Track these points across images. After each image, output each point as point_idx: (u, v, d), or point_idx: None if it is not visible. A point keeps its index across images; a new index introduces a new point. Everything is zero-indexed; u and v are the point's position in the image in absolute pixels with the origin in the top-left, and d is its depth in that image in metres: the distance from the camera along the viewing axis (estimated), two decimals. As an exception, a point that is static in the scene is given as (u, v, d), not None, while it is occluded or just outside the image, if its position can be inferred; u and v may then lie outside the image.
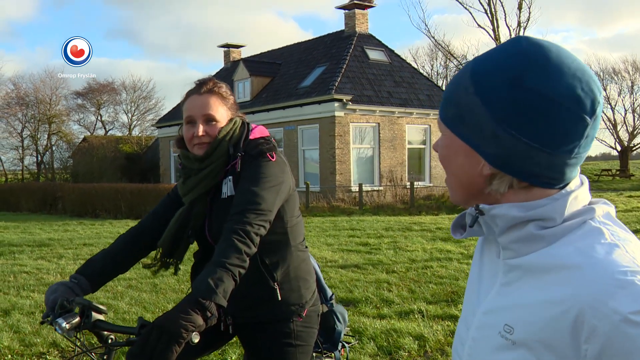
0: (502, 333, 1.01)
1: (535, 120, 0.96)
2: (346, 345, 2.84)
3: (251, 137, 2.35)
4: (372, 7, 27.26)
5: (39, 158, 45.54)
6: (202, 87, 2.32)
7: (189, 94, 2.35)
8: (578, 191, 1.02)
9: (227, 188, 2.30)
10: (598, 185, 33.70)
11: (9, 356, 5.12)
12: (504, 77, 0.97)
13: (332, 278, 8.21)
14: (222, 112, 2.32)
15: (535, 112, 0.96)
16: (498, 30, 29.81)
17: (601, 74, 47.98)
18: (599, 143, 48.44)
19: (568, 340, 0.92)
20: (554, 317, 0.93)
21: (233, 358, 4.83)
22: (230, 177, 2.30)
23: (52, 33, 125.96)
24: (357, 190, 21.84)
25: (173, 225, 2.36)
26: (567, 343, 0.92)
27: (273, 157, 2.28)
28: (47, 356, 5.09)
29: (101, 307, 2.00)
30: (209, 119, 2.29)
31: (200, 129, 2.28)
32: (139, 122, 51.90)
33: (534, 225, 1.00)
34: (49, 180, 39.55)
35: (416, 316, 6.14)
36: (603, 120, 49.82)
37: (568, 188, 1.02)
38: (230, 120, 2.36)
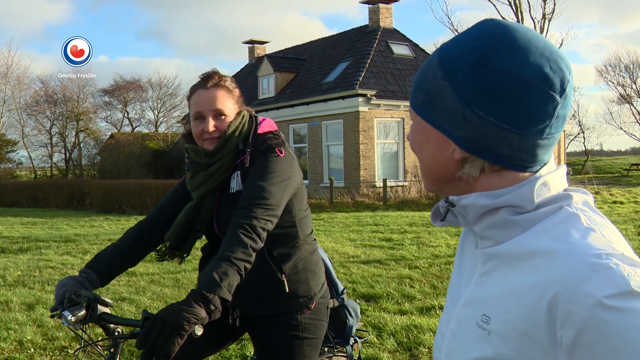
0: (479, 324, 0.99)
1: (503, 101, 0.94)
2: (359, 340, 2.81)
3: (259, 131, 2.33)
4: (396, 1, 27.12)
5: (67, 155, 46.25)
6: (208, 82, 2.30)
7: (195, 88, 2.32)
8: (548, 177, 1.00)
9: (236, 183, 2.29)
10: (627, 180, 33.13)
11: (32, 350, 5.19)
12: (470, 59, 0.96)
13: (353, 273, 8.19)
14: (229, 106, 2.31)
15: (503, 92, 0.94)
16: (522, 23, 29.45)
17: (631, 66, 47.27)
18: (629, 137, 47.74)
19: (543, 327, 0.89)
20: (529, 304, 0.91)
21: (252, 352, 4.82)
22: (238, 172, 2.29)
23: (86, 34, 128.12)
24: (382, 185, 21.76)
25: (181, 219, 2.35)
26: (542, 330, 0.89)
27: (281, 153, 2.26)
28: (69, 350, 5.15)
29: (107, 300, 2.01)
30: (218, 114, 2.28)
31: (211, 124, 2.26)
32: (165, 119, 52.51)
33: (506, 211, 0.99)
34: (76, 176, 40.14)
35: (437, 312, 6.08)
36: (632, 113, 49.02)
37: (538, 174, 1.00)
38: (238, 114, 2.34)
